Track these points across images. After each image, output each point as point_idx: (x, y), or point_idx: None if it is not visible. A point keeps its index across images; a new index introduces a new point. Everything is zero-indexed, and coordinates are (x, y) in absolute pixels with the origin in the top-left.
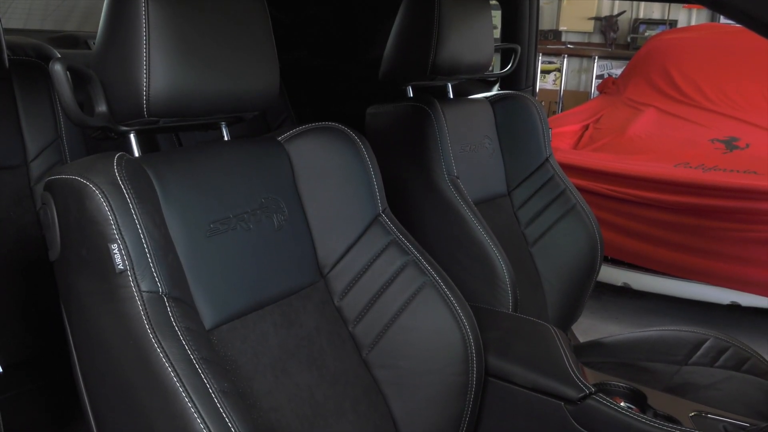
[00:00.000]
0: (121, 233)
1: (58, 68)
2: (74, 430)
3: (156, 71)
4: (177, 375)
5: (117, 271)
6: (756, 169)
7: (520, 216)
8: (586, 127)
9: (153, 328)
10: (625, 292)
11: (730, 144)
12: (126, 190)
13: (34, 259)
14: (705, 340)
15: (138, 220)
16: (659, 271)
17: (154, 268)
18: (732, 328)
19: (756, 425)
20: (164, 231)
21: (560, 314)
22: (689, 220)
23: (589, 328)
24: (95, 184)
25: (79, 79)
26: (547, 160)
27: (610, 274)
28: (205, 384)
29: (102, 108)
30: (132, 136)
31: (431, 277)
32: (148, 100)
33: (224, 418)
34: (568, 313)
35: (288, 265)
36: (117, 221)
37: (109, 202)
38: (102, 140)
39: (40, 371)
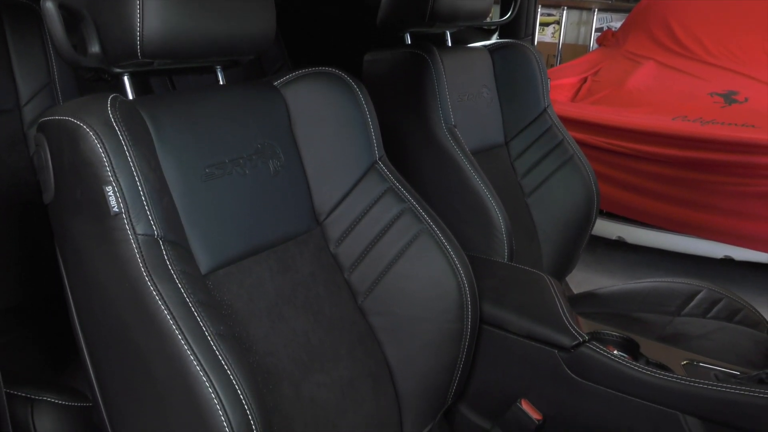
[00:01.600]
0: (115, 175)
1: (49, 6)
2: (71, 374)
3: (150, 11)
4: (173, 317)
5: (112, 213)
6: (754, 123)
7: (517, 166)
8: (585, 80)
9: (148, 271)
10: (619, 245)
11: (729, 98)
12: (120, 131)
13: (28, 204)
14: (698, 292)
15: (133, 163)
16: (654, 225)
17: (149, 211)
18: (724, 282)
19: (747, 373)
20: (159, 174)
21: (555, 265)
22: (686, 173)
23: (583, 280)
24: (89, 125)
25: (71, 18)
26: (545, 110)
27: (605, 228)
28: (201, 327)
29: (95, 49)
30: (126, 78)
31: (427, 225)
32: (141, 40)
33: (220, 360)
34: (562, 265)
35: (284, 211)
36: (111, 163)
37: (103, 143)
38: (95, 82)
39: (36, 316)
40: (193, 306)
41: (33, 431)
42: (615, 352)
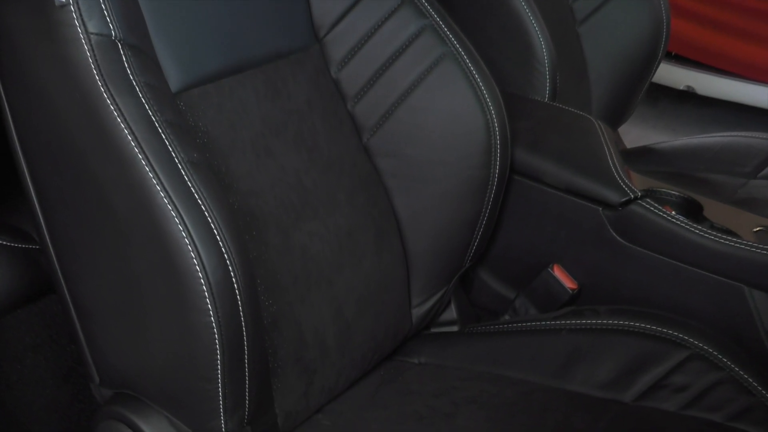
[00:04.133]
0: None
1: None
2: (11, 209)
3: None
4: (135, 138)
5: (57, 3)
6: None
7: None
8: None
9: (104, 80)
10: (687, 97)
11: None
12: None
13: None
14: None
15: None
16: (733, 72)
17: (105, 6)
18: None
19: None
20: None
21: (607, 111)
22: None
23: (639, 138)
24: None
25: None
26: None
27: (672, 75)
28: (169, 150)
29: None
30: None
31: (452, 48)
32: None
33: (192, 192)
34: (615, 112)
35: (275, 22)
36: None
37: None
38: None
39: None
40: (159, 125)
41: None
42: (673, 213)
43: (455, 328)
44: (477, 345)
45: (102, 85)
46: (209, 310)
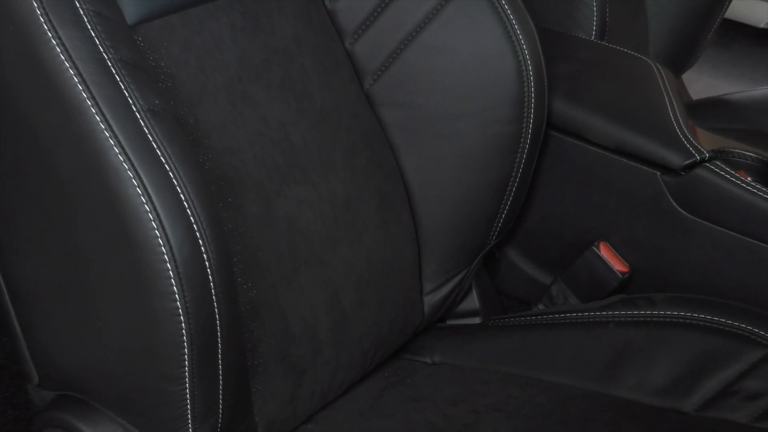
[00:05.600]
0: None
1: None
2: None
3: None
4: (82, 80)
5: None
6: None
7: None
8: None
9: (44, 8)
10: None
11: None
12: None
13: None
14: None
15: None
16: None
17: None
18: None
19: None
20: None
21: (668, 53)
22: None
23: (707, 89)
24: None
25: None
26: None
27: (750, 10)
28: (125, 96)
29: None
30: None
31: None
32: None
33: (153, 147)
34: (678, 55)
35: None
36: None
37: None
38: None
39: None
40: (113, 65)
41: None
42: (748, 179)
43: (477, 321)
44: (504, 341)
45: (42, 15)
46: (174, 293)
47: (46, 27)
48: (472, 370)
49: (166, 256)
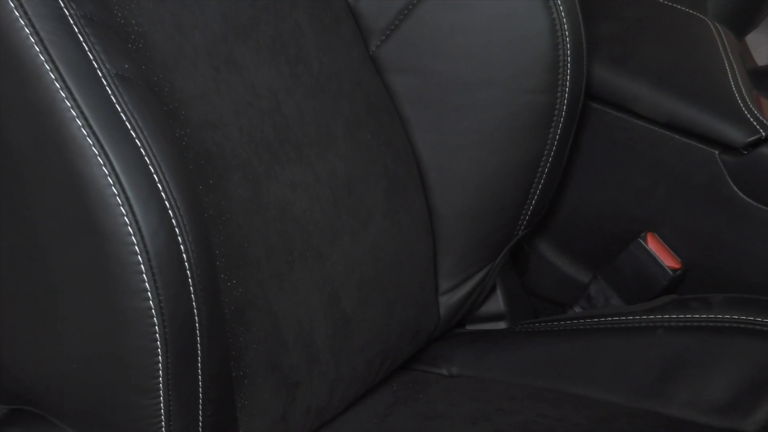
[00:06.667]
0: None
1: None
2: None
3: None
4: (39, 40)
5: None
6: None
7: None
8: None
9: None
10: None
11: None
12: None
13: None
14: None
15: None
16: None
17: None
18: None
19: None
20: None
21: (728, 11)
22: None
23: None
24: None
25: None
26: None
27: None
28: (89, 59)
29: None
30: None
31: None
32: None
33: (122, 119)
34: (741, 14)
35: None
36: None
37: None
38: None
39: None
40: (75, 22)
41: None
42: None
43: (502, 325)
44: (533, 350)
45: None
46: (146, 291)
47: None
48: (496, 383)
49: (136, 247)
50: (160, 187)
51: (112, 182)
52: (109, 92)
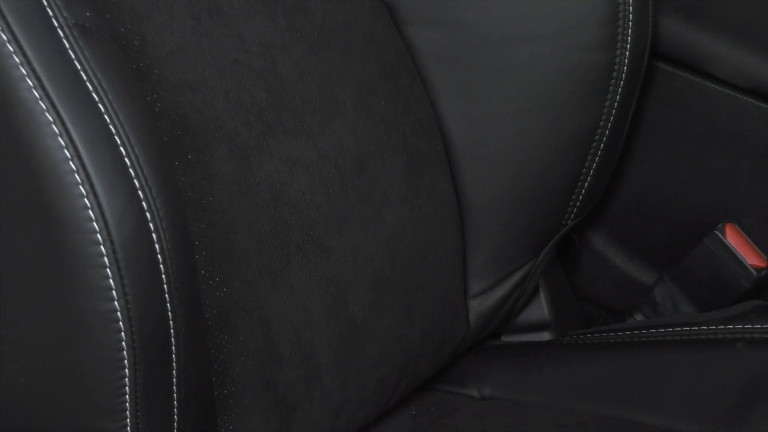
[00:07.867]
0: None
1: None
2: None
3: None
4: None
5: None
6: None
7: None
8: None
9: None
10: None
11: None
12: None
13: None
14: None
15: None
16: None
17: None
18: None
19: None
20: None
21: None
22: None
23: None
24: None
25: None
26: None
27: None
28: (42, 5)
29: None
30: None
31: None
32: None
33: (83, 79)
34: None
35: None
36: None
37: None
38: None
39: None
40: None
41: None
42: None
43: (546, 337)
44: (584, 367)
45: None
46: (110, 289)
47: None
48: (537, 408)
49: (98, 236)
50: (128, 163)
51: (69, 156)
52: (67, 45)
